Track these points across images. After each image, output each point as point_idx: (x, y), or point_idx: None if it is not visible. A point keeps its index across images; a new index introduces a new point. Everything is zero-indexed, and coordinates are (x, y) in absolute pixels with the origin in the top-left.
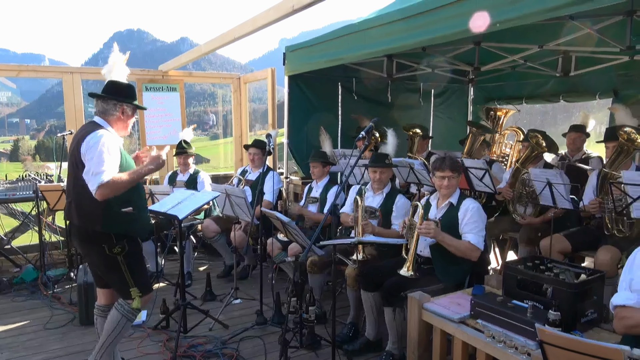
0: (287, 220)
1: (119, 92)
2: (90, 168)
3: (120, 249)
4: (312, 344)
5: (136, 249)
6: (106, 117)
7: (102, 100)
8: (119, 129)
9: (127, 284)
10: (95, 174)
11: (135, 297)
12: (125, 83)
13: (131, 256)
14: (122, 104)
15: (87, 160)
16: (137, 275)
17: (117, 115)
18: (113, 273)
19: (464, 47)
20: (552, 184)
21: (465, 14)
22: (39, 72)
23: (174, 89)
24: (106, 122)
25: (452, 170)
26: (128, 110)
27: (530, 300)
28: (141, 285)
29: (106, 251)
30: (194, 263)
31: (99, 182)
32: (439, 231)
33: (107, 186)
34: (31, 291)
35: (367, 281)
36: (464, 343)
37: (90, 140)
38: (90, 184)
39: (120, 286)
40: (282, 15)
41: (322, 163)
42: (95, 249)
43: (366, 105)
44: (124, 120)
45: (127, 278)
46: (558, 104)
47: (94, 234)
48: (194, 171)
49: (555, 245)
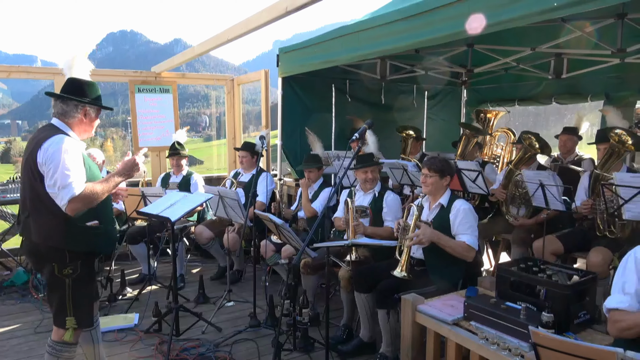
0: (281, 223)
1: (81, 91)
2: (56, 181)
3: (70, 270)
4: (305, 346)
5: (89, 275)
6: (66, 119)
7: (61, 101)
8: (80, 132)
9: (65, 311)
10: (62, 186)
11: (70, 327)
12: (87, 80)
13: (80, 282)
14: (84, 105)
15: (47, 172)
16: (79, 305)
17: (78, 118)
18: (54, 295)
19: (457, 49)
20: (544, 186)
21: (458, 16)
22: (30, 73)
23: (167, 91)
24: (66, 125)
25: (429, 168)
26: (91, 112)
27: (523, 302)
28: (80, 317)
29: (55, 271)
30: (186, 265)
31: (70, 195)
32: (434, 232)
33: (79, 199)
34: (22, 294)
35: (361, 283)
36: (458, 345)
37: (48, 147)
38: (58, 199)
39: (57, 311)
40: (275, 17)
41: (317, 168)
42: (44, 266)
43: (360, 106)
44: (87, 123)
45: (68, 304)
46: (550, 106)
47: (47, 251)
48: (187, 173)
49: (548, 247)
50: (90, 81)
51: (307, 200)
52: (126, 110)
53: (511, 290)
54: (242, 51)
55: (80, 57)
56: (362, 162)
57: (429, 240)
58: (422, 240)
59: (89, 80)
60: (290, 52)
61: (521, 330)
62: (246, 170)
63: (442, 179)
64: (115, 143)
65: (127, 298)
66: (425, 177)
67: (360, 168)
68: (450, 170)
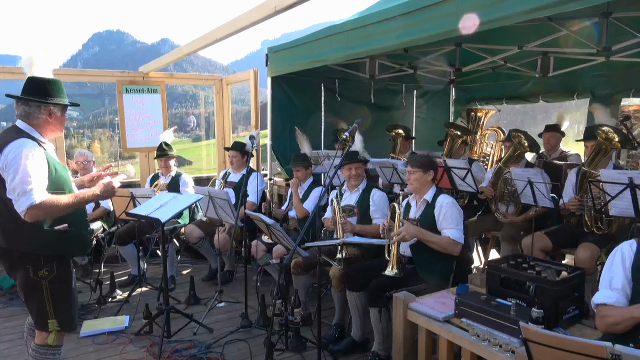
0: (272, 222)
1: (43, 90)
2: (15, 187)
3: (46, 272)
4: (297, 346)
5: (66, 276)
6: (30, 121)
7: (22, 102)
8: (47, 132)
9: (45, 313)
10: (22, 193)
11: (53, 330)
12: (49, 79)
13: (58, 283)
14: (47, 105)
15: (7, 177)
16: (60, 306)
17: (43, 118)
18: (33, 298)
19: (445, 49)
20: (532, 183)
21: (448, 15)
22: (16, 74)
23: (155, 91)
24: (31, 127)
25: (412, 165)
26: (56, 111)
27: (513, 299)
28: (62, 319)
29: (30, 273)
30: (177, 266)
31: (29, 203)
32: (416, 228)
33: (39, 208)
34: (9, 298)
35: (352, 282)
36: (449, 342)
37: (9, 152)
38: (17, 205)
39: (38, 315)
40: (264, 16)
41: (304, 166)
42: (18, 269)
43: (349, 106)
44: (54, 122)
45: (48, 307)
46: (537, 104)
47: (19, 255)
48: (176, 173)
49: (537, 243)
50: (52, 79)
51: (298, 200)
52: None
53: (501, 286)
54: (231, 51)
55: (39, 54)
56: (347, 158)
57: (412, 236)
58: (405, 236)
59: (51, 78)
60: (279, 52)
61: (512, 327)
62: (236, 170)
63: (425, 174)
64: (102, 144)
65: (117, 300)
66: (410, 174)
67: (345, 164)
68: (432, 165)
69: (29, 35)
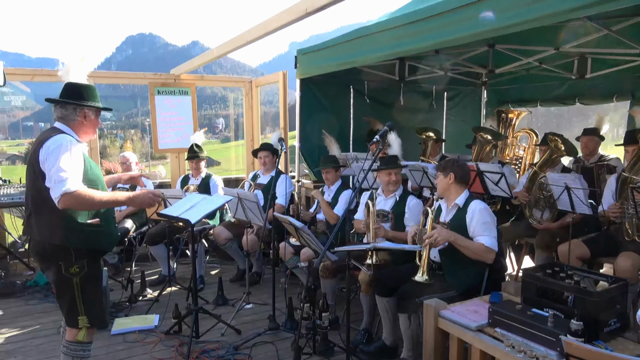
0: (301, 226)
1: (79, 94)
2: (52, 175)
3: (77, 269)
4: (325, 350)
5: (96, 273)
6: (67, 122)
7: (60, 106)
8: (82, 134)
9: (76, 310)
10: (58, 181)
11: (83, 327)
12: (85, 84)
13: (88, 280)
14: (82, 108)
15: (47, 168)
16: (90, 303)
17: (78, 121)
18: (64, 295)
19: (477, 50)
20: (570, 189)
21: (477, 17)
22: (53, 77)
23: (186, 93)
24: (68, 128)
25: (436, 169)
26: (90, 114)
27: (550, 309)
28: (92, 316)
29: (62, 270)
30: (205, 267)
31: (62, 190)
32: (449, 232)
33: (71, 197)
34: (44, 294)
35: (382, 286)
36: (482, 352)
37: (50, 145)
38: (52, 192)
39: (69, 311)
40: (294, 19)
41: (334, 168)
42: (51, 267)
43: (378, 108)
44: (88, 125)
45: (78, 304)
46: (573, 107)
47: (52, 250)
48: (206, 175)
49: (574, 251)
50: (87, 84)
51: (327, 207)
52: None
53: (537, 296)
54: (259, 53)
55: (76, 62)
56: (386, 163)
57: (445, 240)
58: (438, 239)
59: (86, 84)
60: (308, 54)
61: (549, 338)
62: (266, 171)
63: (446, 177)
64: (134, 145)
65: (147, 299)
66: (436, 177)
67: (384, 169)
68: (451, 167)
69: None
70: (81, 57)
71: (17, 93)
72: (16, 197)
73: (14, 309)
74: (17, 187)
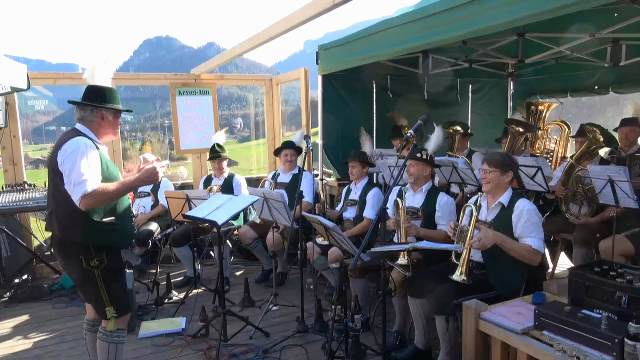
0: (332, 226)
1: (97, 96)
2: (71, 178)
3: (97, 262)
4: (357, 353)
5: (116, 264)
6: (86, 123)
7: (80, 107)
8: (102, 134)
9: (102, 301)
10: (77, 183)
11: (111, 317)
12: (105, 87)
13: (109, 272)
14: (99, 110)
15: (65, 170)
16: (113, 293)
17: (97, 121)
18: (89, 289)
19: (506, 39)
20: (614, 182)
21: (509, 4)
22: (75, 80)
23: (207, 93)
24: (87, 129)
25: (489, 163)
26: (108, 115)
27: (602, 310)
28: (117, 305)
29: (83, 264)
30: (230, 268)
31: (83, 192)
32: (496, 234)
33: (91, 196)
34: (71, 297)
35: (414, 287)
36: (529, 357)
37: (67, 148)
38: (73, 195)
39: (96, 303)
40: (321, 11)
41: (361, 163)
42: (73, 261)
43: (402, 103)
44: (106, 125)
45: (103, 295)
46: (607, 96)
47: (72, 246)
48: (229, 175)
49: (617, 247)
50: (107, 87)
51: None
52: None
53: (586, 296)
54: (274, 52)
55: (100, 66)
56: (409, 154)
57: (492, 243)
58: (485, 243)
59: (106, 86)
60: (330, 49)
61: (603, 342)
62: (287, 170)
63: (503, 175)
64: (153, 146)
65: (173, 301)
66: (485, 172)
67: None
68: (512, 166)
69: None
70: (104, 60)
71: (40, 97)
72: (41, 201)
73: (41, 313)
74: (42, 190)
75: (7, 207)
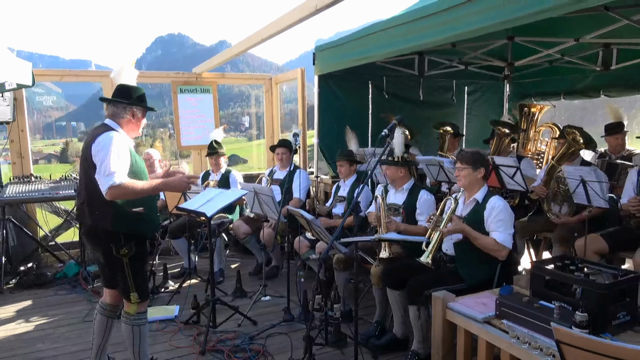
0: (311, 218)
1: (129, 95)
2: (101, 169)
3: (127, 250)
4: (337, 341)
5: (142, 253)
6: (116, 119)
7: (112, 104)
8: (129, 130)
9: (128, 287)
10: (106, 175)
11: (134, 302)
12: (134, 86)
13: (136, 260)
14: (131, 107)
15: (97, 161)
16: (138, 280)
17: (127, 118)
18: (118, 275)
19: (496, 42)
20: (586, 182)
21: (495, 7)
22: (80, 77)
23: (208, 91)
24: (117, 124)
25: (460, 161)
26: (138, 113)
27: (557, 301)
28: (141, 292)
29: (113, 252)
30: (226, 260)
31: (110, 183)
32: (464, 225)
33: (117, 188)
34: (72, 285)
35: (392, 280)
36: (489, 343)
37: (101, 141)
38: (101, 185)
39: (123, 289)
40: (305, 16)
41: (348, 161)
42: (103, 249)
43: (397, 103)
44: (135, 122)
45: (130, 282)
46: (598, 99)
47: (104, 234)
48: (226, 170)
49: (591, 245)
50: (136, 86)
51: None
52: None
53: (546, 288)
54: (285, 50)
55: (127, 66)
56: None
57: (456, 228)
58: (450, 229)
59: (135, 86)
60: (326, 50)
61: None
62: (283, 167)
63: (475, 171)
64: (163, 143)
65: (169, 291)
66: (459, 170)
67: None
68: (482, 162)
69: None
70: (132, 60)
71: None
72: (46, 192)
73: (44, 299)
74: (48, 182)
75: (14, 197)
